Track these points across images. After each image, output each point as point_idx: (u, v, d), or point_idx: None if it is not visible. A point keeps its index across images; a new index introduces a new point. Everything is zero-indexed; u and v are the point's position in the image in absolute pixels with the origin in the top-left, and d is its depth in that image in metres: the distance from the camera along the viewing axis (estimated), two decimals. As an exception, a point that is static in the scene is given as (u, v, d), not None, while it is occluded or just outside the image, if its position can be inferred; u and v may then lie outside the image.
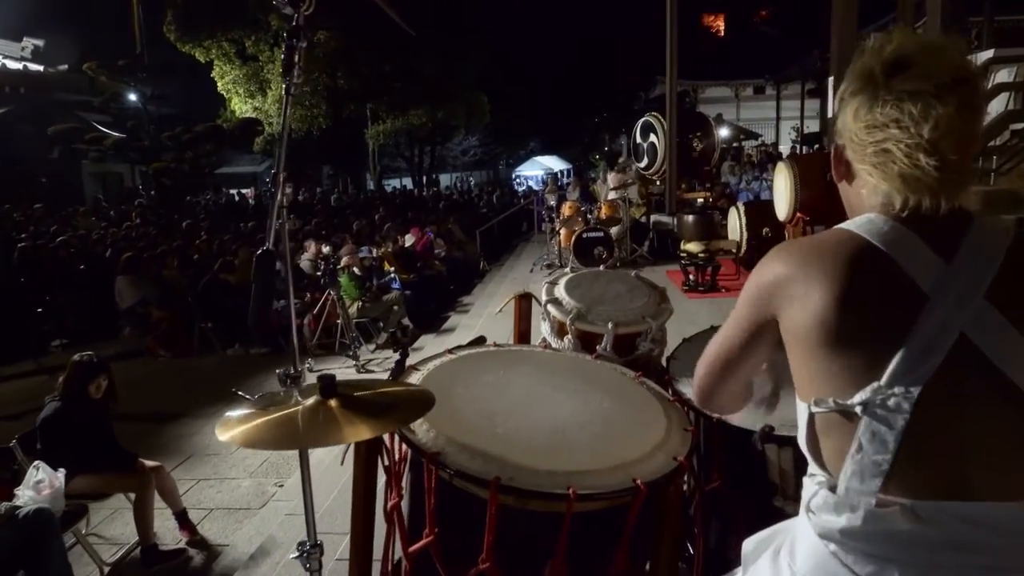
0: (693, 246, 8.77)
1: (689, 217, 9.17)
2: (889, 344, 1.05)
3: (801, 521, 1.17)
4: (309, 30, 1.55)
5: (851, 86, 1.14)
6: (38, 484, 3.56)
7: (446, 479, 1.56)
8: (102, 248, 12.02)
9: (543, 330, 2.55)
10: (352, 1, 19.99)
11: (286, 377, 1.66)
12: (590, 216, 11.43)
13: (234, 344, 8.68)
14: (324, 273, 7.98)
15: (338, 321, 8.12)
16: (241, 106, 25.13)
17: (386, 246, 11.06)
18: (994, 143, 9.01)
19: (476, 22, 29.15)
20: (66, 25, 27.25)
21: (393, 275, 9.87)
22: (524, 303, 2.70)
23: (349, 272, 8.64)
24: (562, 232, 11.01)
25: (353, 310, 8.36)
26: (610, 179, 12.88)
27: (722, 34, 38.37)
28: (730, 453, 1.99)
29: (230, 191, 27.93)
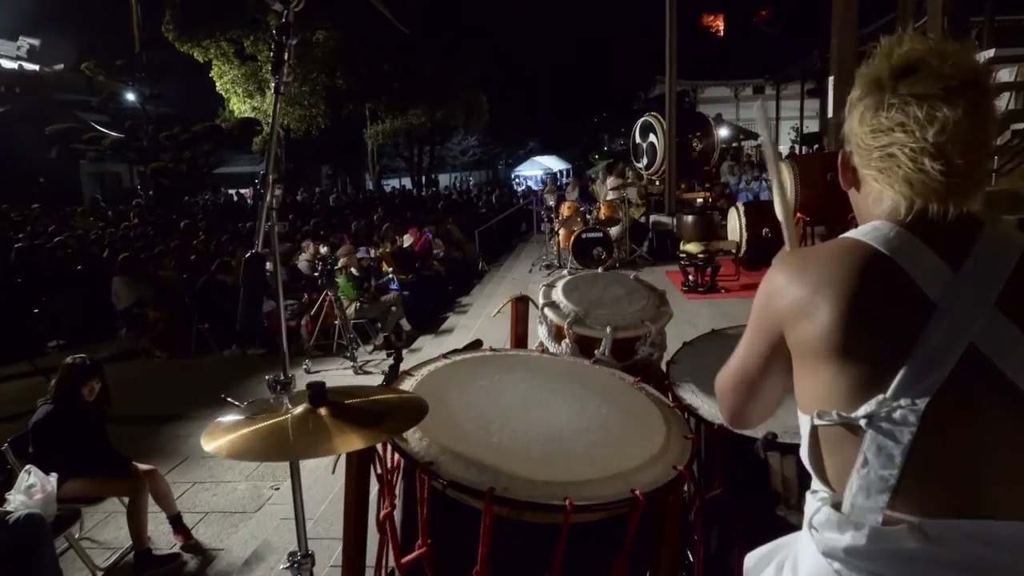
0: (693, 247, 8.74)
1: (689, 217, 9.14)
2: (895, 355, 1.01)
3: (804, 538, 1.13)
4: (300, 28, 1.50)
5: (858, 91, 1.11)
6: (30, 488, 3.51)
7: (439, 489, 1.52)
8: (100, 248, 11.98)
9: (540, 334, 2.51)
10: (351, 0, 19.95)
11: (275, 383, 1.62)
12: (589, 216, 11.40)
13: (231, 345, 8.64)
14: (322, 274, 7.94)
15: (336, 322, 8.09)
16: (240, 106, 25.08)
17: (384, 246, 11.02)
18: (995, 143, 8.97)
19: (476, 22, 29.13)
20: (63, 25, 27.21)
21: (391, 275, 9.83)
22: (521, 306, 2.66)
23: (347, 273, 8.60)
24: (561, 232, 10.98)
25: (351, 311, 8.31)
26: (609, 180, 12.86)
27: (721, 34, 38.29)
28: (731, 460, 1.95)
29: (228, 191, 27.88)
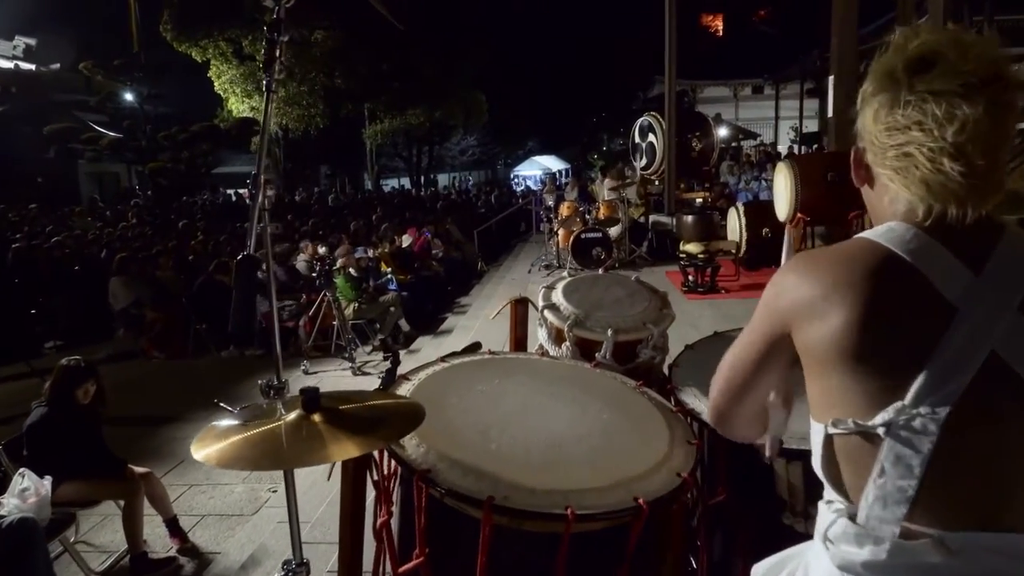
0: (692, 247, 8.71)
1: (688, 217, 9.11)
2: (914, 360, 0.97)
3: (817, 550, 1.09)
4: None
5: (872, 85, 1.06)
6: (24, 492, 3.47)
7: (437, 497, 1.48)
8: (98, 248, 11.93)
9: (540, 337, 2.46)
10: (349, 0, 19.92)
11: (269, 388, 1.58)
12: (588, 216, 11.36)
13: (229, 346, 8.59)
14: (320, 274, 7.90)
15: (334, 323, 8.04)
16: (238, 106, 25.04)
17: (383, 246, 10.97)
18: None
19: (475, 21, 29.10)
20: (61, 24, 27.16)
21: (390, 276, 9.79)
22: (520, 308, 2.62)
23: (345, 273, 8.56)
24: (560, 232, 10.94)
25: (349, 311, 8.26)
26: (607, 180, 12.83)
27: (721, 34, 38.30)
28: (736, 466, 1.92)
29: (227, 191, 27.84)
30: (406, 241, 11.72)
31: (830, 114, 9.06)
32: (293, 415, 1.46)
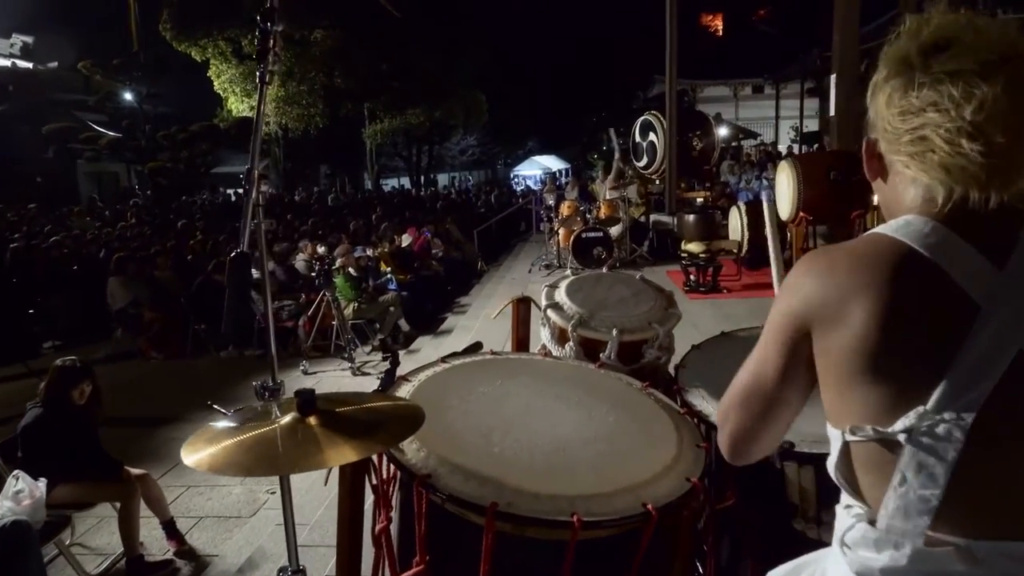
0: (694, 246, 8.66)
1: (690, 217, 9.06)
2: (936, 363, 0.91)
3: (834, 555, 1.05)
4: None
5: (883, 72, 1.01)
6: (18, 494, 3.41)
7: (438, 503, 1.43)
8: (96, 248, 11.88)
9: (543, 336, 2.41)
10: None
11: (264, 389, 1.52)
12: (589, 216, 11.31)
13: (227, 346, 8.54)
14: (319, 274, 7.85)
15: (333, 323, 7.99)
16: (238, 105, 24.98)
17: (383, 246, 10.92)
18: None
19: (475, 20, 29.06)
20: (60, 23, 27.09)
21: (389, 276, 9.74)
22: (522, 307, 2.57)
23: (345, 273, 8.51)
24: (561, 232, 10.89)
25: (349, 311, 8.22)
26: (608, 180, 12.79)
27: (721, 33, 38.23)
28: (744, 469, 1.85)
29: (226, 191, 27.77)
30: (406, 241, 11.67)
31: (831, 113, 9.03)
32: (288, 418, 1.41)
